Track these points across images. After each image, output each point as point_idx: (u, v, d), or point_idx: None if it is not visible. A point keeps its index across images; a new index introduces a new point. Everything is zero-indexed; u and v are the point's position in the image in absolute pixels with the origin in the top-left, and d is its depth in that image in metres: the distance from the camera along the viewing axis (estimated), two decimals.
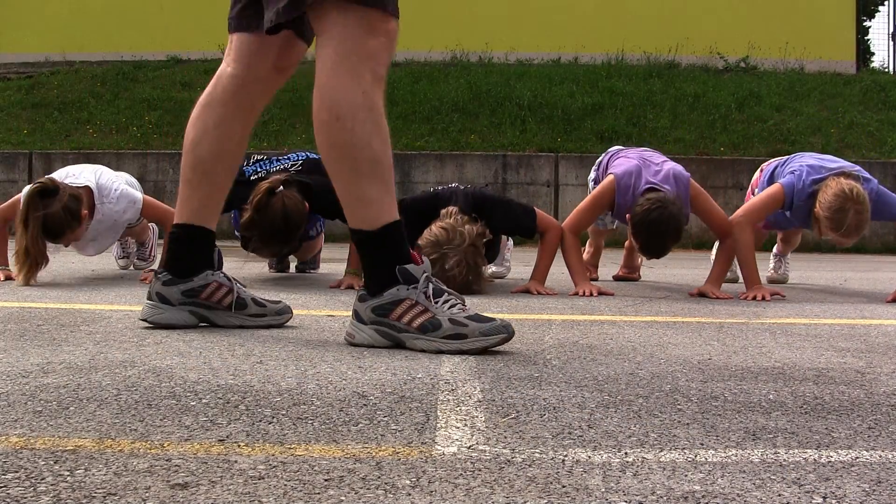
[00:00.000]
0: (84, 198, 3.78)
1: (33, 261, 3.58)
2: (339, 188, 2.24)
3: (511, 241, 4.91)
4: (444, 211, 3.70)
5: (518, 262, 5.36)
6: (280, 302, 2.62)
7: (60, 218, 3.62)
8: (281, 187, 3.70)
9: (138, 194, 4.08)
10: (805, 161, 4.04)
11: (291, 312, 2.61)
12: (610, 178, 4.01)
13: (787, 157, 4.37)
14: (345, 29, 2.13)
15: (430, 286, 2.18)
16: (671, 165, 4.05)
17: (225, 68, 2.47)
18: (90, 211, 3.85)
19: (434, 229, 3.60)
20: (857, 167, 3.96)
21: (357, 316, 2.22)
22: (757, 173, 4.59)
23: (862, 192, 3.72)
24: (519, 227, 4.00)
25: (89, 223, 3.87)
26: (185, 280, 2.46)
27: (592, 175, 4.55)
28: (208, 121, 2.48)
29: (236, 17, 2.43)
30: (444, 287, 2.22)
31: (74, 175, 3.94)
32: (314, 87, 2.17)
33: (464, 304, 2.21)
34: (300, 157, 4.08)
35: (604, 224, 4.61)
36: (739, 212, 3.98)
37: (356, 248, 2.32)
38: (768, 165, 4.44)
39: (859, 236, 3.83)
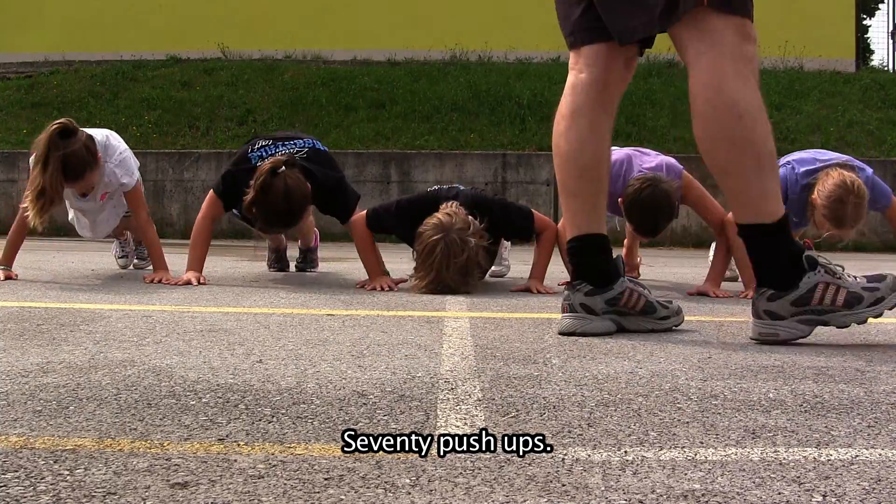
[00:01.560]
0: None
1: (48, 200, 3.61)
2: (739, 184, 2.30)
3: (509, 242, 4.90)
4: (444, 204, 3.69)
5: (517, 261, 5.36)
6: (672, 302, 2.68)
7: (82, 156, 3.66)
8: (283, 168, 3.68)
9: (136, 170, 4.11)
10: (795, 155, 4.04)
11: (684, 313, 2.69)
12: None
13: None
14: (724, 35, 2.23)
15: (828, 266, 2.31)
16: (664, 157, 4.06)
17: (579, 75, 2.53)
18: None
19: (437, 216, 3.60)
20: (850, 157, 3.96)
21: (772, 315, 2.32)
22: None
23: (862, 185, 3.71)
24: (517, 231, 3.98)
25: (102, 174, 3.90)
26: (606, 289, 2.50)
27: None
28: (582, 128, 2.52)
29: (582, 30, 2.50)
30: (823, 260, 2.34)
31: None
32: (698, 88, 2.27)
33: (854, 276, 2.33)
34: (306, 144, 4.04)
35: None
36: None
37: (751, 242, 2.34)
38: None
39: (855, 230, 3.81)
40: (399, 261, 4.45)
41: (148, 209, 4.25)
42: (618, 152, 4.09)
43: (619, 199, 3.85)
